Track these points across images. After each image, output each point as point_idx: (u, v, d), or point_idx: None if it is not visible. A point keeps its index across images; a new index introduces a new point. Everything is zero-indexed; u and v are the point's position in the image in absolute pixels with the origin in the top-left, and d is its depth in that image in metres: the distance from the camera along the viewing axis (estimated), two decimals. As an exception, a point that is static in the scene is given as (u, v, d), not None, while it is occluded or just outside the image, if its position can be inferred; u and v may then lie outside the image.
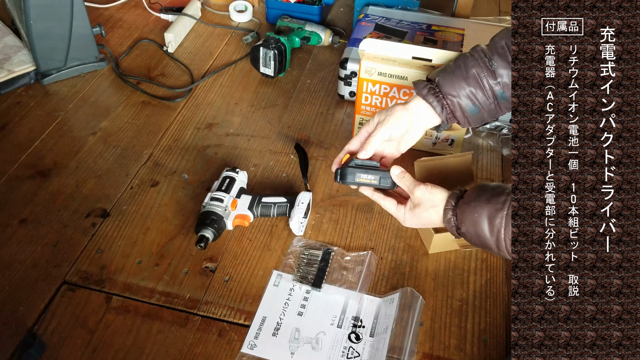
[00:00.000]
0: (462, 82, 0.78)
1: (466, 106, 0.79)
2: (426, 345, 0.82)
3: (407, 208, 0.79)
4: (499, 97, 0.78)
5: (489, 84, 0.78)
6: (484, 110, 0.79)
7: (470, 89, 0.78)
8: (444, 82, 0.79)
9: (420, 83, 0.82)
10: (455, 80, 0.78)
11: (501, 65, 0.77)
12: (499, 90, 0.78)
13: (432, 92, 0.79)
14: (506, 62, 0.76)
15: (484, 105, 0.79)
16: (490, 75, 0.77)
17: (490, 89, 0.78)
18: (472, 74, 0.78)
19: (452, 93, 0.79)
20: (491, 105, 0.79)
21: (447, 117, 0.80)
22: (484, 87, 0.78)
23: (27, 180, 1.05)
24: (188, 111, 1.22)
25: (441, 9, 1.45)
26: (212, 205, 0.92)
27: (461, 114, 0.80)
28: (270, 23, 1.51)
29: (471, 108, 0.79)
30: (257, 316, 0.84)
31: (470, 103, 0.79)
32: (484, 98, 0.78)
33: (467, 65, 0.79)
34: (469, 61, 0.79)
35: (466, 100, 0.79)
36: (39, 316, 0.83)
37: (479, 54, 0.79)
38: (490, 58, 0.77)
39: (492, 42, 0.79)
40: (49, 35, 1.21)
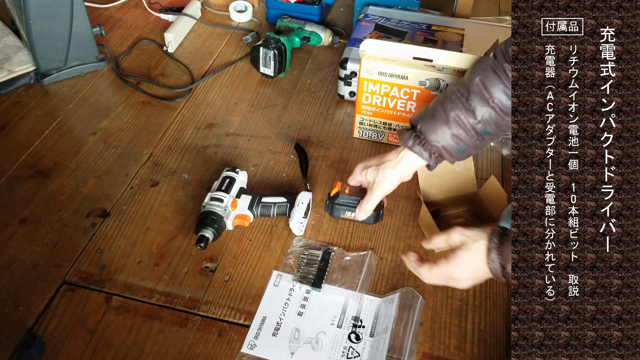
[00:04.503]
0: (444, 126, 0.80)
1: (452, 148, 0.81)
2: (426, 345, 0.82)
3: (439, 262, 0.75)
4: (481, 134, 0.80)
5: (470, 124, 0.79)
6: (469, 147, 0.81)
7: (453, 131, 0.80)
8: (427, 129, 0.81)
9: (404, 133, 0.83)
10: (438, 126, 0.80)
11: (479, 104, 0.78)
12: (481, 128, 0.79)
13: (418, 141, 0.81)
14: (483, 100, 0.77)
15: (469, 143, 0.81)
16: (470, 115, 0.79)
17: (472, 128, 0.79)
18: (453, 117, 0.79)
19: (436, 139, 0.80)
20: (476, 141, 0.81)
21: (436, 160, 0.82)
22: (466, 127, 0.79)
23: (27, 180, 1.05)
24: (188, 111, 1.22)
25: (441, 9, 1.45)
26: (212, 205, 0.92)
27: (448, 155, 0.82)
28: (270, 23, 1.52)
29: (457, 149, 0.81)
30: (257, 316, 0.84)
31: (455, 144, 0.81)
32: (468, 137, 0.80)
33: (446, 109, 0.80)
34: (447, 104, 0.80)
35: (451, 142, 0.80)
36: (39, 316, 0.83)
37: (456, 95, 0.80)
38: (467, 98, 0.79)
39: (467, 80, 0.80)
40: (48, 35, 1.21)
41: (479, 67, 0.79)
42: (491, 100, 0.77)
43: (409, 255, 0.79)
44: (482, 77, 0.78)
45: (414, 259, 0.78)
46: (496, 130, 0.79)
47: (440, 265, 0.74)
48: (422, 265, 0.77)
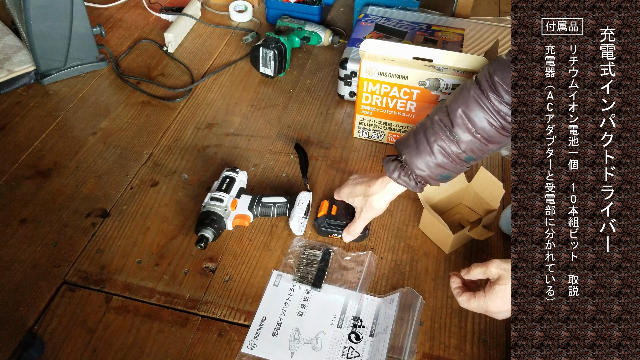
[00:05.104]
0: (429, 157, 0.81)
1: (436, 176, 0.82)
2: (426, 345, 0.82)
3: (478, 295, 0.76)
4: (466, 160, 0.81)
5: (454, 154, 0.80)
6: (453, 173, 0.83)
7: (437, 161, 0.81)
8: (412, 161, 0.82)
9: (390, 165, 0.84)
10: (422, 157, 0.81)
11: (462, 135, 0.78)
12: (465, 156, 0.80)
13: (403, 172, 0.83)
14: (467, 130, 0.78)
15: (453, 169, 0.82)
16: (453, 144, 0.79)
17: (457, 157, 0.80)
18: (437, 149, 0.80)
19: (422, 169, 0.82)
20: (460, 167, 0.82)
21: (421, 187, 0.84)
22: (451, 157, 0.80)
23: (27, 180, 1.05)
24: (188, 111, 1.22)
25: (441, 9, 1.45)
26: (212, 205, 0.92)
27: (434, 181, 0.83)
28: (270, 23, 1.52)
29: (442, 176, 0.83)
30: (257, 316, 0.84)
31: (440, 173, 0.82)
32: (452, 165, 0.81)
33: (429, 140, 0.80)
34: (430, 135, 0.81)
35: (436, 171, 0.82)
36: (39, 316, 0.83)
37: (439, 126, 0.80)
38: (450, 130, 0.79)
39: (449, 111, 0.80)
40: (48, 35, 1.21)
41: (461, 96, 0.79)
42: (474, 130, 0.77)
43: (453, 278, 0.81)
44: (464, 109, 0.78)
45: (457, 285, 0.80)
46: (480, 155, 0.80)
47: (479, 298, 0.75)
48: (461, 294, 0.78)
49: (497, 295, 0.73)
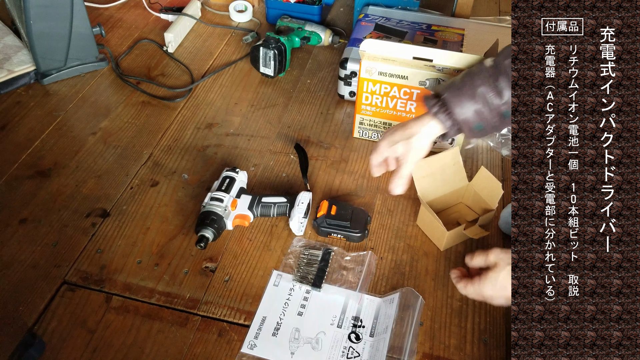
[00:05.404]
0: (470, 100, 0.80)
1: (473, 122, 0.81)
2: (426, 345, 0.82)
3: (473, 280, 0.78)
4: (504, 116, 0.80)
5: (495, 104, 0.79)
6: (488, 126, 0.82)
7: (477, 107, 0.80)
8: (452, 99, 0.81)
9: (430, 100, 0.83)
10: (464, 98, 0.80)
11: (507, 86, 0.77)
12: (505, 109, 0.79)
13: (443, 109, 0.82)
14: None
15: (490, 122, 0.81)
16: (497, 95, 0.78)
17: (496, 108, 0.79)
18: (480, 93, 0.79)
19: (461, 111, 0.80)
20: (496, 122, 0.81)
21: (455, 132, 0.83)
22: (491, 105, 0.79)
23: (27, 180, 1.05)
24: (188, 111, 1.22)
25: (441, 9, 1.45)
26: (212, 205, 0.92)
27: (467, 129, 0.82)
28: (270, 23, 1.51)
29: (477, 124, 0.81)
30: (257, 316, 0.84)
31: (477, 120, 0.81)
32: (490, 116, 0.80)
33: (474, 83, 0.80)
34: (476, 79, 0.80)
35: (473, 117, 0.80)
36: (39, 316, 0.83)
37: (486, 73, 0.79)
38: (496, 78, 0.78)
39: (497, 61, 0.79)
40: (48, 35, 1.21)
41: (509, 50, 0.78)
42: None
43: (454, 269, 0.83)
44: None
45: (456, 274, 0.82)
46: None
47: (474, 283, 0.77)
48: (459, 281, 0.80)
49: (490, 282, 0.75)
